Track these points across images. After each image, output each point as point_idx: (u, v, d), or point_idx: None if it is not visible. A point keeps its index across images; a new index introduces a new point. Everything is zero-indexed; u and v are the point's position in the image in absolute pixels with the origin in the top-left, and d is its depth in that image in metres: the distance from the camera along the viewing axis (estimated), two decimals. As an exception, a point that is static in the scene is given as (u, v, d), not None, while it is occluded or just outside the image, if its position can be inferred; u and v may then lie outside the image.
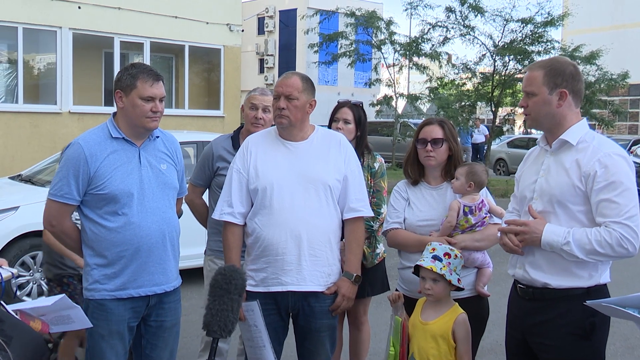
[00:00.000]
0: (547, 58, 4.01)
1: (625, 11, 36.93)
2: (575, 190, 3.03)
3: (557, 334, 3.09)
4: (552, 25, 18.44)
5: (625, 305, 2.47)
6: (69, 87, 15.03)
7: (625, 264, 9.38)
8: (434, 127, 3.82)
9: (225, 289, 2.75)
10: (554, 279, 3.08)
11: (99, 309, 3.38)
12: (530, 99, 3.15)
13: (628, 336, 6.40)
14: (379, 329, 5.57)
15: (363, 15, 21.24)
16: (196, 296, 7.32)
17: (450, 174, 3.81)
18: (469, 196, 3.70)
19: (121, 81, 3.41)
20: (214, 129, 16.32)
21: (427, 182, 3.88)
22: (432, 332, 3.46)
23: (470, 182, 3.68)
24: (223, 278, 2.78)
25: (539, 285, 3.13)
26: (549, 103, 3.10)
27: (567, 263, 3.04)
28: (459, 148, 3.87)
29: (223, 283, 2.76)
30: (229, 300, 2.74)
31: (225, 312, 2.73)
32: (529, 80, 3.17)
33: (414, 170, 3.89)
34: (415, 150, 3.87)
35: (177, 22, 16.65)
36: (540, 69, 3.14)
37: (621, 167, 2.99)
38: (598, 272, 3.08)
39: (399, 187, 3.95)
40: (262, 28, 48.61)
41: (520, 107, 3.28)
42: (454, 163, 3.82)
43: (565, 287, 3.07)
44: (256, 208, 3.51)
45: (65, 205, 3.38)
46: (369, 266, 4.37)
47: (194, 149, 8.13)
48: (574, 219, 3.05)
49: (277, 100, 3.51)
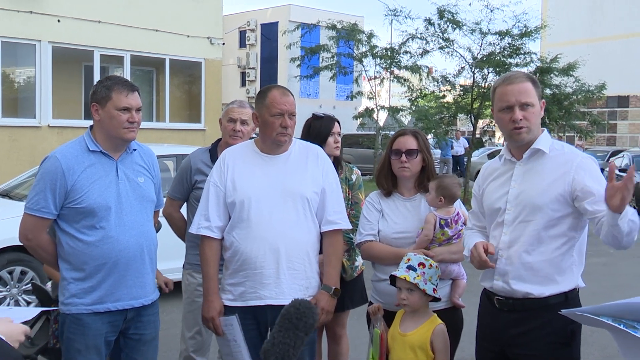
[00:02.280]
0: (519, 70, 4.05)
1: (603, 24, 37.38)
2: (555, 196, 3.06)
3: (540, 343, 3.11)
4: (528, 37, 18.60)
5: (599, 313, 2.50)
6: (48, 100, 14.93)
7: (605, 275, 9.49)
8: (408, 137, 3.81)
9: (294, 324, 2.66)
10: (536, 288, 3.10)
11: (75, 323, 3.35)
12: (527, 111, 3.12)
13: (606, 345, 6.44)
14: (359, 341, 5.57)
15: (344, 28, 21.34)
16: (175, 310, 7.27)
17: (424, 185, 3.81)
18: (444, 209, 3.71)
19: (96, 94, 3.41)
20: (195, 142, 16.27)
21: (401, 193, 3.86)
22: (411, 343, 3.47)
23: (440, 197, 3.68)
24: (296, 312, 2.68)
25: (519, 296, 3.14)
26: (539, 114, 3.17)
27: (549, 271, 3.08)
28: (432, 159, 3.87)
29: (294, 317, 2.67)
30: (294, 335, 2.66)
31: (286, 345, 2.64)
32: (525, 91, 3.12)
33: (388, 181, 3.87)
34: (388, 161, 3.85)
35: (157, 35, 16.62)
36: (527, 80, 3.17)
37: (596, 169, 3.11)
38: (575, 276, 3.14)
39: (371, 198, 3.92)
40: (243, 41, 48.74)
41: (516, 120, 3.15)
42: (427, 174, 3.82)
43: (546, 296, 3.09)
44: (234, 221, 3.50)
45: (42, 220, 3.36)
46: (348, 279, 4.37)
47: (173, 162, 8.10)
48: (552, 225, 3.08)
49: (279, 117, 3.47)
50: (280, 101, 3.48)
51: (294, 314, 2.67)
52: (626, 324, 2.41)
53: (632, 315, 2.43)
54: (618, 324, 2.42)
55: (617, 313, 2.46)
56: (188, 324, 4.60)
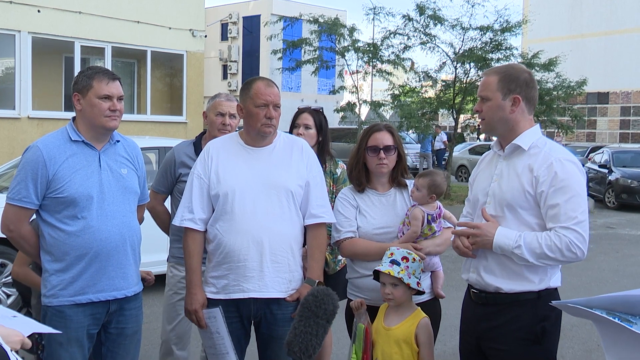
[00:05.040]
0: (504, 64, 4.06)
1: (584, 21, 37.71)
2: (525, 195, 3.07)
3: (509, 338, 3.12)
4: (510, 32, 18.70)
5: (592, 306, 2.50)
6: (27, 92, 14.78)
7: (583, 269, 9.57)
8: (384, 134, 3.77)
9: (313, 312, 2.63)
10: (506, 283, 3.12)
11: (57, 316, 3.32)
12: (484, 104, 3.19)
13: (586, 340, 6.50)
14: (341, 335, 5.57)
15: (326, 22, 21.31)
16: (158, 303, 7.24)
17: (397, 180, 3.81)
18: (430, 204, 3.72)
19: (78, 83, 3.39)
20: (176, 134, 16.20)
21: (374, 188, 3.81)
22: (395, 337, 3.47)
23: (432, 195, 3.68)
24: (314, 300, 2.66)
25: (491, 290, 3.16)
26: (502, 108, 3.15)
27: (519, 267, 3.08)
28: (405, 154, 3.86)
29: (313, 305, 2.65)
30: (315, 324, 2.63)
31: (308, 335, 2.62)
32: (483, 85, 3.21)
33: (362, 177, 3.82)
34: (362, 156, 3.80)
35: (139, 27, 16.51)
36: (495, 75, 3.19)
37: (572, 173, 3.03)
38: (548, 275, 3.13)
39: (345, 194, 3.86)
40: (225, 34, 48.51)
41: (475, 112, 3.32)
42: (401, 169, 3.81)
43: (516, 292, 3.10)
44: (217, 214, 3.49)
45: (24, 210, 3.33)
46: (331, 273, 4.36)
47: (155, 155, 8.06)
48: (523, 224, 3.09)
49: (263, 108, 3.46)
50: (264, 92, 3.48)
51: (313, 302, 2.66)
52: (620, 317, 2.42)
53: (625, 308, 2.43)
54: (612, 317, 2.42)
55: (609, 305, 2.46)
56: (169, 317, 4.60)
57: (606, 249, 11.99)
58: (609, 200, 18.99)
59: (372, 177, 3.82)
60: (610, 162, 19.73)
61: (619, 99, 37.53)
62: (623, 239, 13.57)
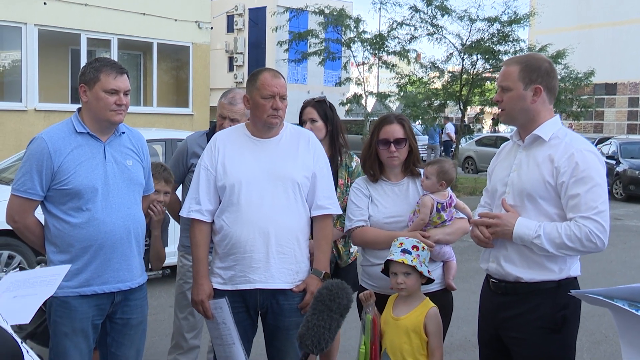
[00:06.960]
0: (524, 54, 4.04)
1: (591, 11, 37.50)
2: (545, 186, 3.06)
3: (529, 327, 3.12)
4: (517, 23, 18.61)
5: (613, 296, 2.45)
6: (34, 84, 14.80)
7: (591, 260, 9.52)
8: (395, 126, 3.76)
9: (327, 306, 2.61)
10: (526, 272, 3.11)
11: (62, 306, 3.32)
12: (505, 94, 3.17)
13: (594, 331, 6.49)
14: (349, 326, 5.56)
15: (332, 13, 21.22)
16: (164, 295, 7.26)
17: (410, 169, 3.81)
18: (440, 192, 3.71)
19: (85, 75, 3.37)
20: (182, 126, 16.20)
21: (387, 178, 3.83)
22: (404, 327, 3.46)
23: (442, 182, 3.69)
24: (328, 294, 2.64)
25: (511, 279, 3.16)
26: (523, 98, 3.13)
27: (539, 257, 3.07)
28: (416, 143, 3.86)
29: (327, 299, 2.63)
30: (329, 317, 2.61)
31: (321, 329, 2.60)
32: (504, 75, 3.18)
33: (375, 167, 3.83)
34: (374, 147, 3.80)
35: (145, 19, 16.49)
36: (516, 65, 3.17)
37: (592, 163, 3.02)
38: (567, 265, 3.12)
39: (358, 184, 3.89)
40: (231, 26, 48.36)
41: (495, 102, 3.31)
42: (413, 159, 3.81)
43: (536, 281, 3.10)
44: (224, 205, 3.48)
45: (29, 201, 3.33)
46: (343, 265, 4.35)
47: (162, 147, 8.06)
48: (543, 214, 3.08)
49: (270, 99, 3.44)
50: (271, 83, 3.46)
51: (327, 296, 2.64)
52: None
53: None
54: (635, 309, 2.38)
55: (630, 297, 2.43)
56: (180, 305, 4.65)
57: (614, 241, 11.85)
58: (617, 191, 18.92)
59: (385, 167, 3.83)
60: (617, 153, 19.66)
61: (627, 89, 37.35)
62: (631, 230, 13.51)
